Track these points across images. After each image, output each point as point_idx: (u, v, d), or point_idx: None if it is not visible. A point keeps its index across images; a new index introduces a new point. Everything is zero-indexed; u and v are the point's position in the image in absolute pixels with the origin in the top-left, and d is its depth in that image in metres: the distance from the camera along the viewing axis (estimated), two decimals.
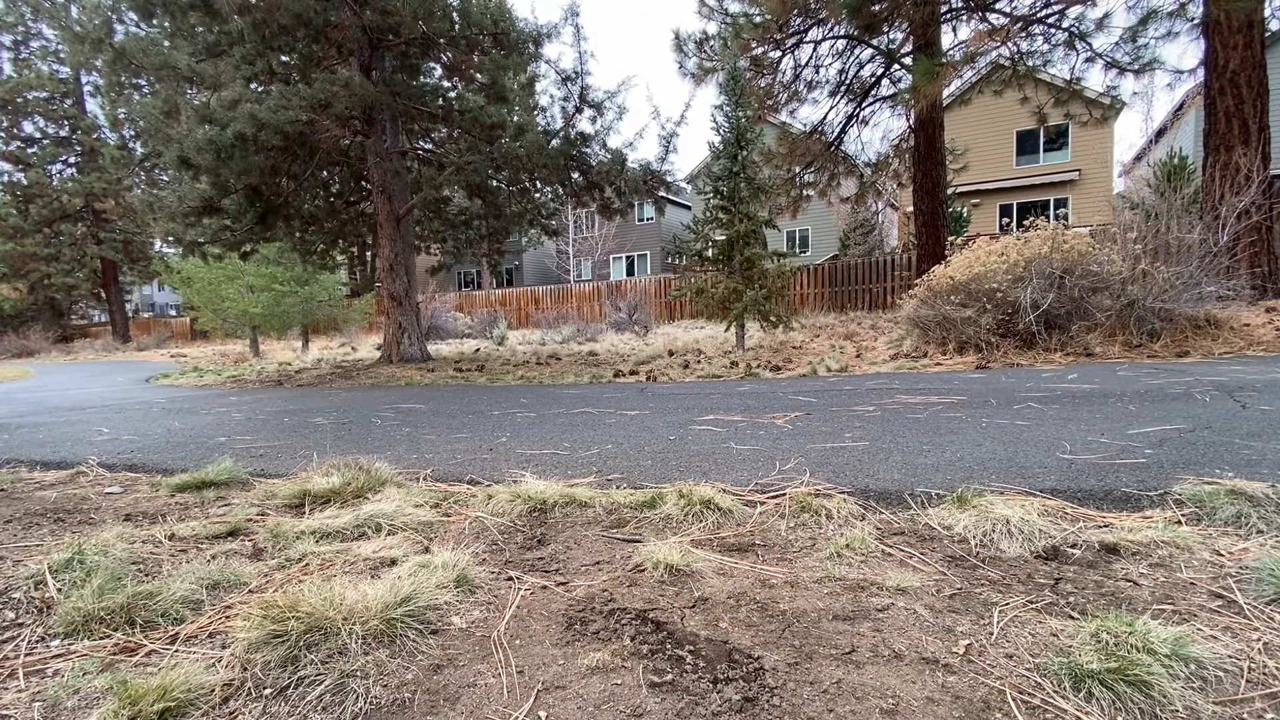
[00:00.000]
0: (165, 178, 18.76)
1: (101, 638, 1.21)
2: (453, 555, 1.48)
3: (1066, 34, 9.91)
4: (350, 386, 6.69)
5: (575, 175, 8.26)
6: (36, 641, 1.22)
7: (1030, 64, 10.70)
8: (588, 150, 8.01)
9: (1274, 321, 5.68)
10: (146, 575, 1.49)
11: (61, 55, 23.62)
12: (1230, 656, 0.99)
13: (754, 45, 10.79)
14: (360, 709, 0.97)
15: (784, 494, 1.87)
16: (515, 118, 7.54)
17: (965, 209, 20.45)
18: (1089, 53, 10.01)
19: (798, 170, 12.87)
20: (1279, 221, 7.49)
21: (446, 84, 9.37)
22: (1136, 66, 9.64)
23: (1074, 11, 9.61)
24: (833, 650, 1.07)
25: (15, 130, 24.99)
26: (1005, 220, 20.53)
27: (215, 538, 1.78)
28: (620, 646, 1.12)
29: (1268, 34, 8.20)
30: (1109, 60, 9.89)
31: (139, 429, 4.01)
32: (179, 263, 13.56)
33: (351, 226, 10.18)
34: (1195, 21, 8.43)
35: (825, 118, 12.28)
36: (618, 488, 2.09)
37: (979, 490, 1.77)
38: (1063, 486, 1.80)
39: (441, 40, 7.56)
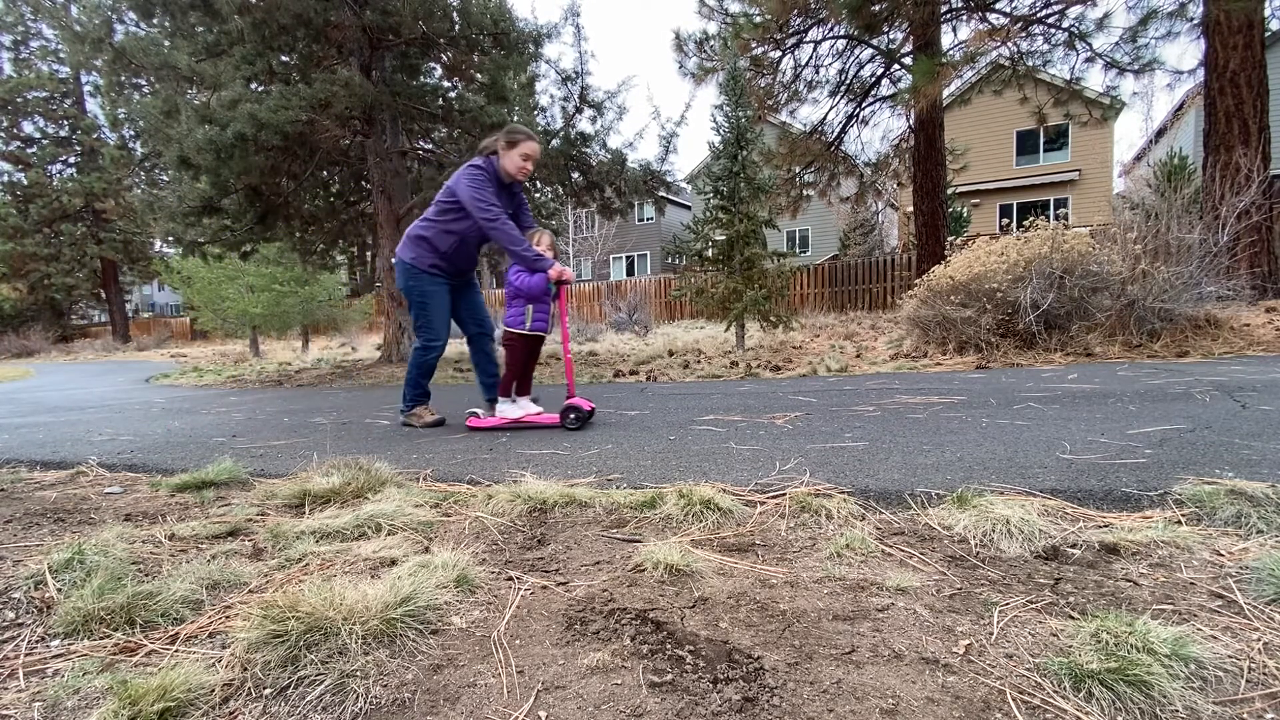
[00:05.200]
0: (165, 178, 18.76)
1: (101, 638, 1.21)
2: (453, 555, 1.48)
3: (1066, 34, 9.91)
4: (350, 386, 6.70)
5: (575, 175, 8.27)
6: (36, 641, 1.22)
7: (1030, 64, 10.70)
8: (588, 150, 8.01)
9: (1274, 321, 5.68)
10: (146, 575, 1.49)
11: (61, 55, 23.63)
12: (1230, 656, 0.99)
13: (754, 45, 10.79)
14: (360, 709, 0.97)
15: (784, 494, 1.87)
16: (515, 118, 7.54)
17: (965, 209, 20.45)
18: (1089, 53, 10.01)
19: (798, 170, 12.87)
20: (1279, 221, 7.49)
21: (446, 84, 9.37)
22: (1136, 66, 9.65)
23: (1074, 11, 9.62)
24: (833, 650, 1.07)
25: (15, 130, 25.00)
26: (1005, 220, 20.52)
27: (215, 538, 1.78)
28: (620, 646, 1.12)
29: (1268, 34, 8.20)
30: (1109, 60, 9.90)
31: (139, 429, 4.01)
32: (179, 263, 13.57)
33: (351, 226, 10.18)
34: (1195, 21, 8.44)
35: (825, 118, 12.28)
36: (618, 488, 2.09)
37: (979, 490, 1.77)
38: (1063, 486, 1.80)
39: (441, 40, 7.56)
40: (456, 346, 12.13)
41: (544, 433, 3.22)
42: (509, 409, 3.48)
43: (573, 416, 3.25)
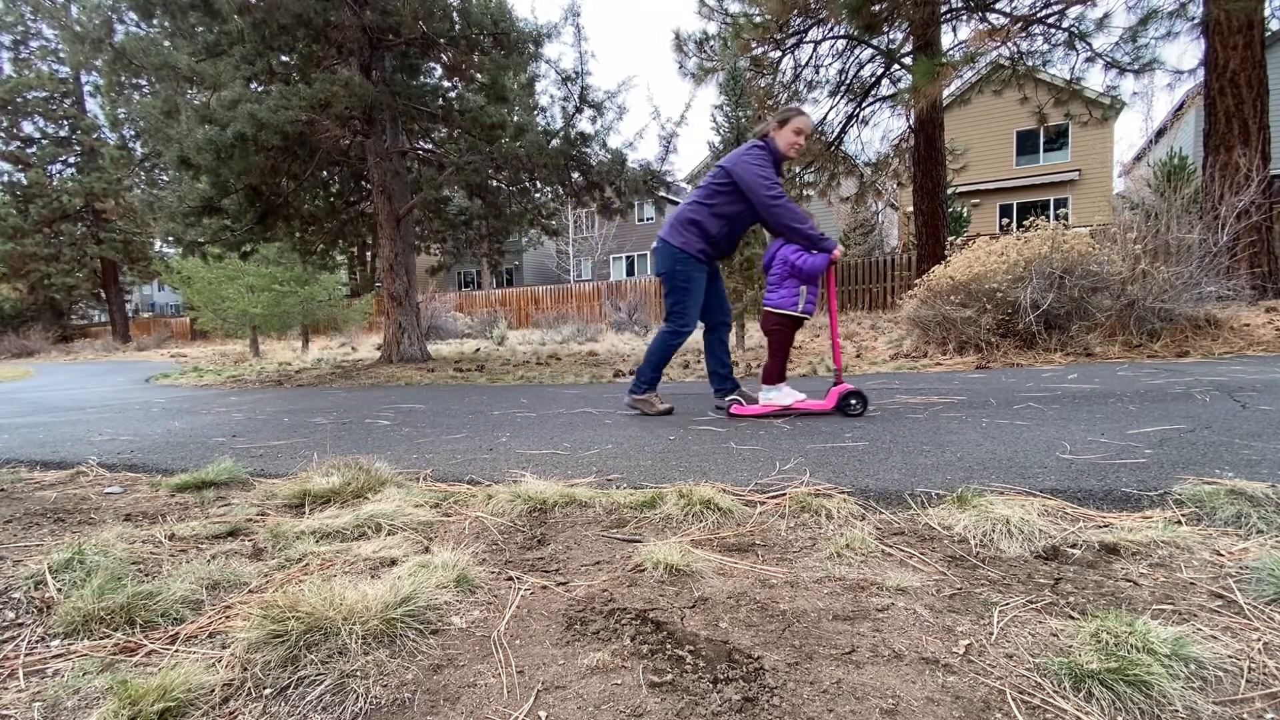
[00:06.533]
0: (165, 178, 18.76)
1: (101, 638, 1.21)
2: (453, 555, 1.48)
3: (1066, 34, 9.91)
4: (350, 386, 6.70)
5: (575, 175, 8.26)
6: (36, 641, 1.23)
7: (1030, 64, 10.70)
8: (588, 150, 8.01)
9: (1274, 321, 5.68)
10: (146, 575, 1.49)
11: (61, 55, 23.62)
12: (1230, 656, 0.99)
13: (754, 45, 10.79)
14: (360, 709, 0.97)
15: (784, 494, 1.87)
16: (515, 118, 7.54)
17: (965, 209, 20.43)
18: (1089, 53, 10.01)
19: (798, 170, 12.87)
20: (1279, 221, 7.49)
21: (446, 84, 9.37)
22: (1136, 66, 9.65)
23: (1074, 11, 9.62)
24: (833, 650, 1.07)
25: (15, 130, 24.98)
26: (1005, 220, 20.51)
27: (215, 538, 1.78)
28: (620, 646, 1.12)
29: (1268, 34, 8.20)
30: (1109, 60, 9.89)
31: (139, 429, 4.01)
32: (179, 263, 13.57)
33: (351, 226, 10.18)
34: (1195, 21, 8.44)
35: (825, 118, 12.28)
36: (618, 488, 2.09)
37: (979, 490, 1.77)
38: (1063, 486, 1.80)
39: (441, 40, 7.56)
40: (456, 346, 12.03)
41: (544, 432, 3.22)
42: (777, 396, 3.33)
43: (854, 402, 3.13)
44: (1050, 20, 9.82)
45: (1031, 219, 6.16)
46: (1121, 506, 1.66)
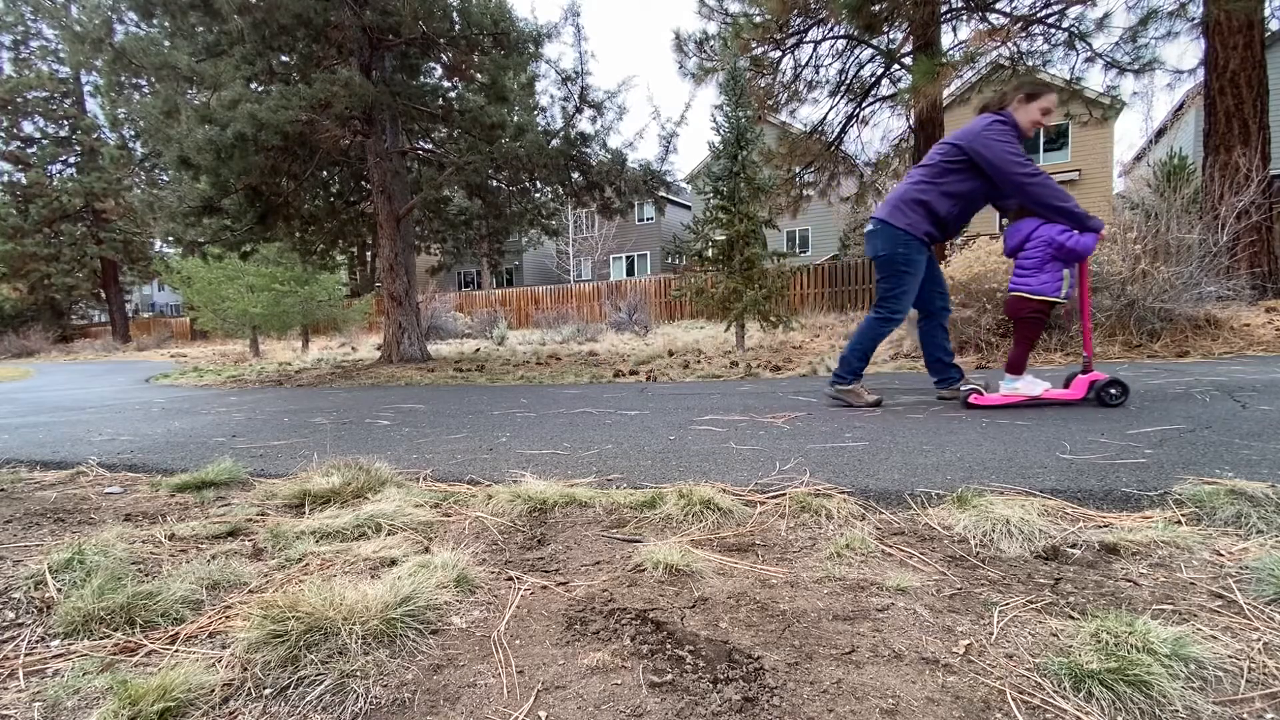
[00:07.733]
0: (165, 178, 18.77)
1: (101, 638, 1.21)
2: (453, 555, 1.48)
3: (1066, 34, 9.92)
4: (350, 386, 6.69)
5: (575, 175, 8.27)
6: (36, 641, 1.22)
7: (1030, 64, 10.70)
8: (588, 150, 8.02)
9: (1274, 321, 5.68)
10: (146, 575, 1.49)
11: (61, 55, 23.64)
12: (1230, 656, 0.99)
13: (754, 45, 10.80)
14: (360, 709, 0.97)
15: (784, 494, 1.87)
16: (515, 118, 7.54)
17: None
18: (1089, 53, 10.02)
19: (798, 170, 12.87)
20: (1279, 221, 7.50)
21: (446, 84, 9.38)
22: (1136, 66, 9.65)
23: (1074, 11, 9.62)
24: (833, 650, 1.07)
25: (15, 130, 24.98)
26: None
27: (215, 538, 1.78)
28: (620, 646, 1.12)
29: (1268, 34, 8.21)
30: (1109, 60, 9.90)
31: (139, 429, 4.01)
32: (179, 263, 13.59)
33: (351, 226, 10.19)
34: (1195, 21, 8.45)
35: (825, 118, 12.29)
36: (618, 488, 2.09)
37: (979, 490, 1.77)
38: (1063, 486, 1.80)
39: (441, 40, 7.56)
40: (456, 346, 12.03)
41: (544, 432, 3.22)
42: (1024, 385, 3.15)
43: (1114, 391, 2.94)
44: (1050, 20, 9.83)
45: None
46: (1121, 506, 1.66)
